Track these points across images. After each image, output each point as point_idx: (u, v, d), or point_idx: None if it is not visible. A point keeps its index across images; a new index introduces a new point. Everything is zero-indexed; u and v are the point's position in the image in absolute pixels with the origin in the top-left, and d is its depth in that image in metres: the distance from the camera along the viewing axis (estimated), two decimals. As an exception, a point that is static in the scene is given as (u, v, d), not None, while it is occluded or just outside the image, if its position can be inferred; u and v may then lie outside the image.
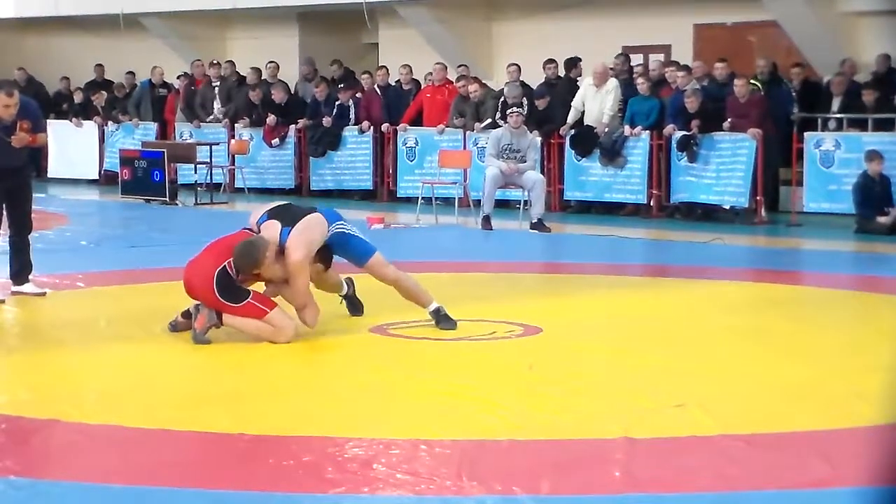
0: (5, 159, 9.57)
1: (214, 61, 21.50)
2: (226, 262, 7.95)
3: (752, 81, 16.07)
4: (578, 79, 17.66)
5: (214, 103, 20.95)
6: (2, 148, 9.51)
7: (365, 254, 8.48)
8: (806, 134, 15.62)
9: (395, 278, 8.54)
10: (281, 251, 8.04)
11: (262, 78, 20.72)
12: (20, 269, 9.92)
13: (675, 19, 18.98)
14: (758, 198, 15.66)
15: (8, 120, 9.46)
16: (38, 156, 21.10)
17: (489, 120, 17.46)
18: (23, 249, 9.93)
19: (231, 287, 7.95)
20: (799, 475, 5.36)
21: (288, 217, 8.18)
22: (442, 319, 8.44)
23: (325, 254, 8.35)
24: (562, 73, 18.00)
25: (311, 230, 8.17)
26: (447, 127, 18.11)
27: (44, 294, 9.89)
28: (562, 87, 17.72)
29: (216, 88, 21.03)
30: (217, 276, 7.92)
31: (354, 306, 8.99)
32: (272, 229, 8.10)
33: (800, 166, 15.65)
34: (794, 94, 16.62)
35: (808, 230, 15.02)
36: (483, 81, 18.53)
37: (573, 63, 17.76)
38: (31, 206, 10.02)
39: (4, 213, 9.83)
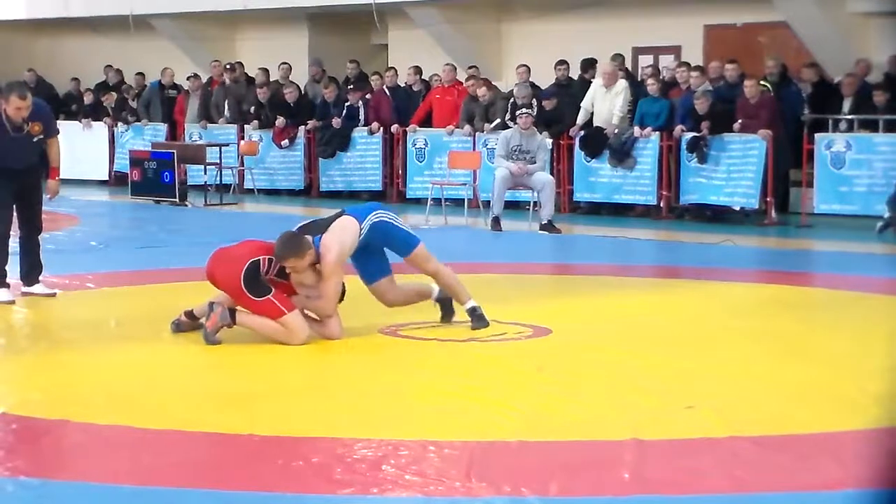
0: (18, 160, 9.58)
1: (228, 65, 21.50)
2: (260, 258, 7.95)
3: (761, 82, 16.05)
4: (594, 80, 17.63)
5: (225, 103, 20.97)
6: (15, 148, 9.53)
7: (409, 245, 8.47)
8: (816, 135, 15.59)
9: (436, 270, 8.55)
10: (317, 259, 8.03)
11: (274, 79, 20.75)
12: (30, 270, 9.93)
13: (685, 20, 18.96)
14: (768, 199, 15.64)
15: (19, 121, 9.47)
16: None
17: (498, 120, 17.45)
18: (33, 250, 9.94)
19: (257, 281, 7.94)
20: (809, 477, 5.35)
21: (316, 228, 8.16)
22: (476, 318, 8.45)
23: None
24: (574, 74, 18.00)
25: (343, 232, 8.14)
26: (457, 129, 18.08)
27: (54, 295, 9.90)
28: (576, 87, 17.70)
29: (228, 90, 21.02)
30: (248, 266, 7.92)
31: (447, 310, 8.78)
32: None
33: (810, 167, 15.63)
34: (803, 94, 16.58)
35: (819, 231, 15.00)
36: (492, 83, 18.52)
37: (590, 64, 17.69)
38: (42, 207, 10.02)
39: (15, 213, 9.84)
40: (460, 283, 8.60)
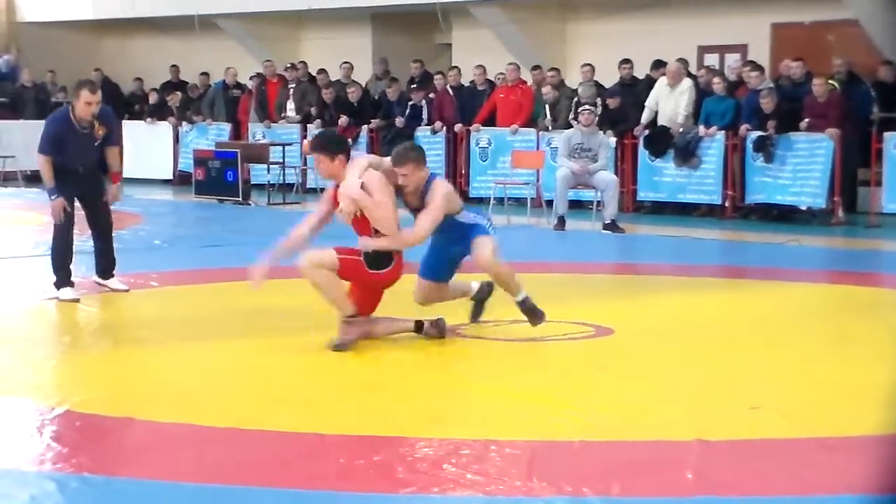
0: (80, 160, 9.73)
1: (290, 64, 21.59)
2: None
3: (829, 81, 15.88)
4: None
5: (288, 104, 21.07)
6: (80, 147, 9.69)
7: (475, 235, 8.09)
8: (885, 134, 15.41)
9: (497, 270, 8.12)
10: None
11: (336, 78, 20.82)
12: (105, 267, 10.18)
13: (752, 18, 18.81)
14: (835, 199, 15.48)
15: (87, 120, 9.62)
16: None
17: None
18: (105, 249, 10.18)
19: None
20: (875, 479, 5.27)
21: None
22: (528, 311, 8.11)
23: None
24: (639, 73, 17.90)
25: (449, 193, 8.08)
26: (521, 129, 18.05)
27: (127, 290, 10.11)
28: (641, 87, 17.60)
29: (291, 90, 21.13)
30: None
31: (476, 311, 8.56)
32: None
33: (879, 167, 15.45)
34: (873, 93, 16.38)
35: (888, 231, 14.82)
36: (561, 80, 18.47)
37: (661, 64, 17.53)
38: (109, 209, 10.16)
39: (85, 215, 10.02)
40: (515, 280, 8.12)
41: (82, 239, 10.13)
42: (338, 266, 7.75)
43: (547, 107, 17.94)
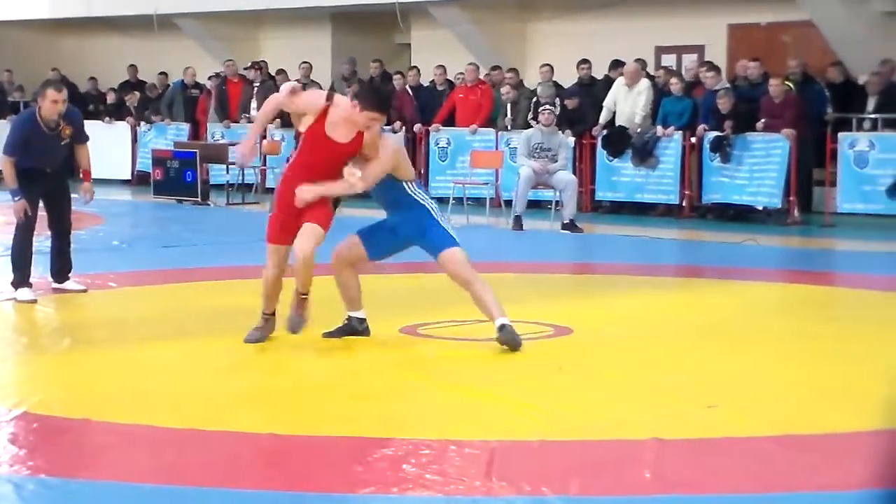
0: (48, 161, 9.69)
1: (252, 63, 21.51)
2: None
3: (785, 82, 16.00)
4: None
5: (251, 103, 20.97)
6: (47, 148, 9.64)
7: (441, 245, 7.91)
8: (840, 134, 15.54)
9: (467, 280, 7.86)
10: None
11: (296, 78, 20.75)
12: (61, 268, 10.09)
13: (709, 19, 18.92)
14: (791, 198, 15.60)
15: (54, 120, 9.57)
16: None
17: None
18: (63, 250, 10.12)
19: None
20: (832, 476, 5.32)
21: None
22: (505, 335, 7.68)
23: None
24: (597, 73, 17.97)
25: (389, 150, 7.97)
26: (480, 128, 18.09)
27: (85, 290, 10.05)
28: (599, 87, 17.67)
29: (255, 89, 21.03)
30: None
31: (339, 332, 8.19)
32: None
33: (833, 167, 15.58)
34: (827, 94, 16.52)
35: (842, 231, 14.94)
36: (520, 80, 18.51)
37: (619, 64, 17.62)
38: (71, 209, 10.13)
39: (46, 214, 9.97)
40: (494, 300, 7.80)
41: (39, 239, 10.07)
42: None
43: (509, 106, 18.00)
